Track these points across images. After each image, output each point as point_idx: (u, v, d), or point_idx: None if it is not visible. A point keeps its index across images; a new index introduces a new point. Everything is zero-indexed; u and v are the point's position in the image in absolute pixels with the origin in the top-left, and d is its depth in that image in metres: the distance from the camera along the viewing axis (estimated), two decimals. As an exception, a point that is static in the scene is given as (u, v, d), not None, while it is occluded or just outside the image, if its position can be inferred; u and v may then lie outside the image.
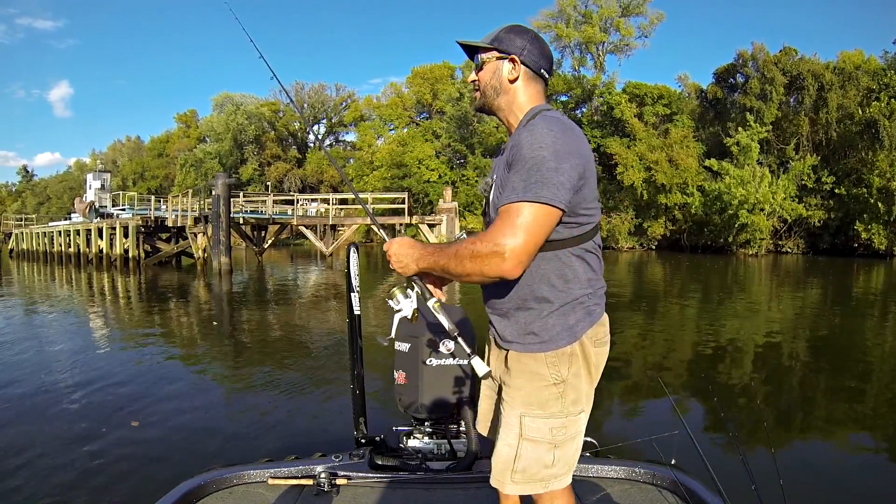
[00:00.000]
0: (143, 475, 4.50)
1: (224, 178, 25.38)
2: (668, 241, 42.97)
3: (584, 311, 1.71)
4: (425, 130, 55.27)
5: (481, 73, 1.84)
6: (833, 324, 12.56)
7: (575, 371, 1.71)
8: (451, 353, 3.17)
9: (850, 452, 5.29)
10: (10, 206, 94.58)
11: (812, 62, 39.02)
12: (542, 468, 1.71)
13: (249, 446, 5.08)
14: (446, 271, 1.67)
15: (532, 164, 1.55)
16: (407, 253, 1.76)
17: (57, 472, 4.57)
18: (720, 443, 5.01)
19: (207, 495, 2.78)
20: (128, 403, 6.48)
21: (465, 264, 1.59)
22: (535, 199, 1.53)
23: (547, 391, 1.70)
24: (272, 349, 9.97)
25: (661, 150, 40.66)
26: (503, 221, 1.55)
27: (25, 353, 9.40)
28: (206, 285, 21.37)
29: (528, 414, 1.71)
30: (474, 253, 1.57)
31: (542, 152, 1.55)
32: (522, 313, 1.72)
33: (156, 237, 31.88)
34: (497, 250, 1.53)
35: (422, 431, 3.30)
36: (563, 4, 47.11)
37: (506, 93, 1.81)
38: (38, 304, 16.93)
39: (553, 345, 1.69)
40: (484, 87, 1.84)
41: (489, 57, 1.82)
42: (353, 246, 3.37)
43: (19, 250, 44.88)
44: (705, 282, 22.34)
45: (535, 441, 1.71)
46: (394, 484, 2.93)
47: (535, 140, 1.57)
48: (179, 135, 75.08)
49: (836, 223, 37.47)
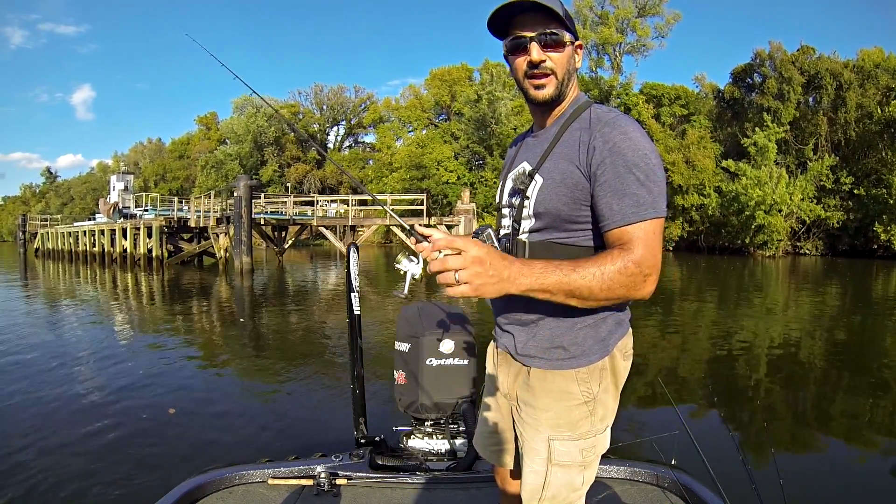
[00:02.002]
0: (142, 474, 4.49)
1: (246, 180, 25.88)
2: (686, 243, 42.84)
3: (615, 322, 1.58)
4: (444, 132, 55.51)
5: (560, 54, 1.54)
6: (846, 326, 12.35)
7: (605, 386, 1.57)
8: (451, 353, 3.18)
9: (851, 453, 5.28)
10: (35, 206, 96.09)
11: (830, 61, 38.65)
12: (571, 492, 1.59)
13: (250, 446, 5.08)
14: (578, 293, 1.37)
15: (647, 172, 1.41)
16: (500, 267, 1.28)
17: (56, 471, 4.55)
18: (720, 443, 4.84)
19: (207, 495, 2.79)
20: (133, 398, 6.58)
21: (613, 289, 1.37)
22: (663, 214, 1.43)
23: (577, 410, 1.56)
24: (283, 349, 10.05)
25: (678, 151, 40.56)
26: (644, 241, 1.39)
27: (48, 345, 9.76)
28: (229, 284, 21.81)
29: (558, 437, 1.56)
30: (625, 278, 1.37)
31: (652, 160, 1.43)
32: (552, 323, 1.55)
33: (178, 237, 32.59)
34: (648, 272, 1.39)
35: (422, 431, 3.29)
36: (580, 6, 47.12)
37: (572, 82, 1.60)
38: (64, 301, 17.36)
39: (584, 360, 1.54)
40: (563, 72, 1.56)
41: (570, 38, 1.55)
42: (352, 246, 3.41)
43: (45, 249, 45.83)
44: (719, 283, 22.24)
45: (565, 466, 1.57)
46: (394, 484, 2.92)
47: (636, 143, 1.43)
48: (200, 137, 75.71)
49: (856, 224, 37.01)
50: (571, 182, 1.48)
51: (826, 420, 6.31)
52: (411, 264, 1.57)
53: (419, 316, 3.33)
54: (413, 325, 3.28)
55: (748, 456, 2.56)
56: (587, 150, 1.46)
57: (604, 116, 1.49)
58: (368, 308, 14.10)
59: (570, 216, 1.51)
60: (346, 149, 74.57)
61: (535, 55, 1.51)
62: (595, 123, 1.48)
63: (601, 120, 1.48)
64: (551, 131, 1.59)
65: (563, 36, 1.52)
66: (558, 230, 1.54)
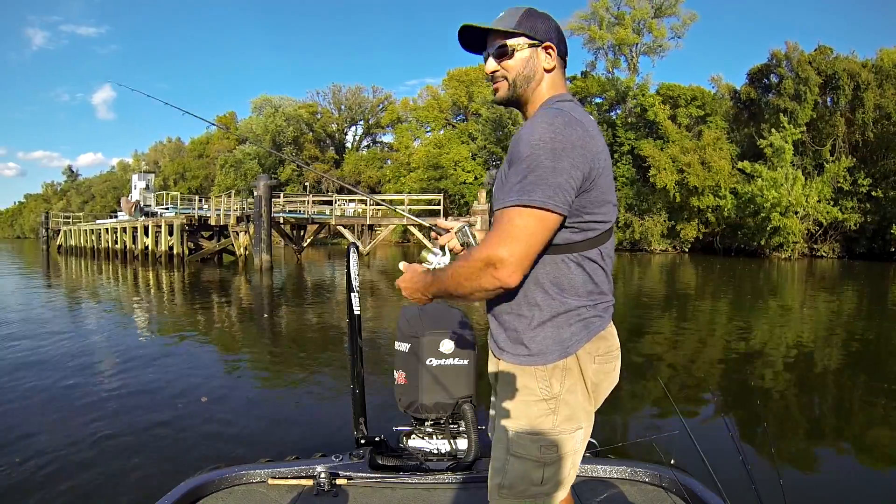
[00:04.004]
0: (142, 473, 4.47)
1: (266, 180, 26.46)
2: (702, 244, 42.65)
3: (581, 325, 1.57)
4: (461, 132, 55.72)
5: (510, 62, 1.64)
6: (857, 330, 12.05)
7: (569, 386, 1.57)
8: (451, 353, 3.19)
9: (852, 454, 5.27)
10: (56, 204, 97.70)
11: (848, 60, 38.07)
12: (530, 485, 1.58)
13: (250, 446, 5.05)
14: (451, 296, 1.53)
15: (528, 162, 1.42)
16: (417, 282, 1.62)
17: (58, 469, 4.54)
18: (720, 443, 4.65)
19: (207, 495, 2.78)
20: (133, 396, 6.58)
21: (462, 285, 1.47)
22: (530, 202, 1.41)
23: (536, 407, 1.57)
24: (296, 347, 10.06)
25: (694, 152, 40.41)
26: (495, 230, 1.45)
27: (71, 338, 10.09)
28: (248, 281, 22.27)
29: (515, 429, 1.58)
30: (468, 270, 1.45)
31: (539, 150, 1.42)
32: (514, 319, 1.60)
33: (198, 235, 33.22)
34: (490, 262, 1.41)
35: (422, 431, 3.30)
36: (596, 7, 47.22)
37: (538, 83, 1.65)
38: (88, 296, 17.83)
39: (542, 359, 1.56)
40: (515, 77, 1.65)
41: (520, 44, 1.63)
42: (352, 246, 3.43)
43: (67, 246, 46.71)
44: (733, 285, 22.13)
45: (521, 458, 1.57)
46: (394, 484, 2.92)
47: (533, 135, 1.44)
48: (219, 136, 76.43)
49: (874, 227, 36.43)
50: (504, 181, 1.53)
51: (827, 421, 6.30)
52: (437, 258, 1.70)
53: (419, 316, 3.35)
54: (413, 325, 3.30)
55: (748, 456, 2.57)
56: (511, 147, 1.52)
57: (535, 113, 1.57)
58: (387, 307, 14.26)
59: None
60: (364, 148, 75.13)
61: (488, 67, 1.70)
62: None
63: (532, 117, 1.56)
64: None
65: (514, 46, 1.62)
66: None
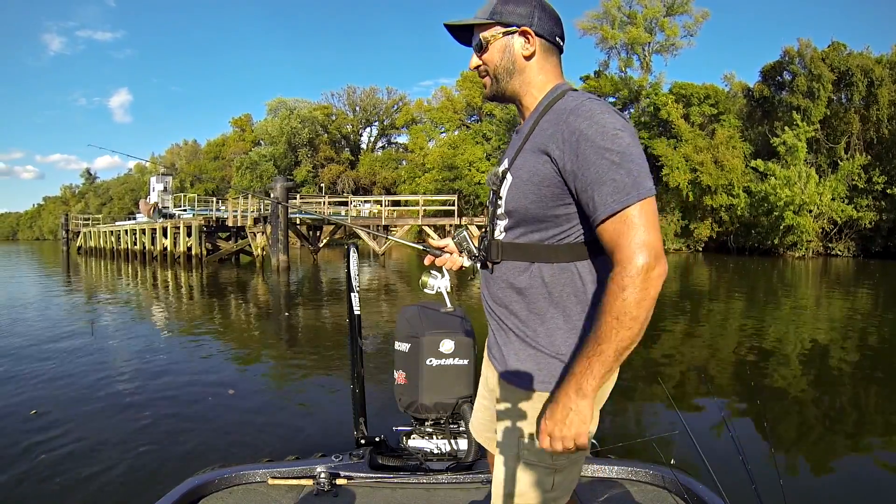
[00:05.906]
0: (142, 473, 4.49)
1: (282, 182, 26.82)
2: (716, 243, 42.46)
3: None
4: (475, 133, 55.77)
5: (486, 55, 1.56)
6: (867, 330, 11.73)
7: None
8: (451, 353, 3.20)
9: (852, 454, 5.26)
10: (74, 206, 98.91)
11: (862, 57, 37.62)
12: (541, 493, 1.52)
13: (250, 446, 5.07)
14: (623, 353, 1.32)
15: (620, 154, 1.32)
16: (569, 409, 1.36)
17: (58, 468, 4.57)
18: (721, 443, 4.80)
19: (207, 495, 2.79)
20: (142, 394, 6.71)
21: (636, 315, 1.29)
22: (648, 193, 1.32)
23: None
24: (308, 347, 10.12)
25: (707, 150, 40.22)
26: (630, 233, 1.30)
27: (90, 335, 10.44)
28: (265, 281, 22.69)
29: (526, 435, 1.51)
30: (635, 294, 1.28)
31: (624, 138, 1.34)
32: (518, 345, 1.53)
33: (216, 236, 33.78)
34: (649, 266, 1.28)
35: (422, 431, 3.31)
36: (608, 6, 47.06)
37: (521, 72, 1.55)
38: (109, 296, 18.22)
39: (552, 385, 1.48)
40: (494, 70, 1.56)
41: (493, 34, 1.54)
42: (352, 246, 3.41)
43: (87, 247, 47.41)
44: (746, 284, 22.03)
45: (533, 465, 1.51)
46: (394, 484, 2.93)
47: (603, 124, 1.34)
48: (235, 138, 76.87)
49: (889, 225, 36.04)
50: (538, 179, 1.43)
51: (827, 422, 6.26)
52: (437, 281, 1.67)
53: (419, 316, 3.37)
54: (413, 325, 3.33)
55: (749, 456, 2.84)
56: (556, 143, 1.39)
57: (569, 104, 1.42)
58: (388, 307, 14.27)
59: (540, 215, 1.46)
60: (379, 149, 75.54)
61: (471, 63, 1.61)
62: (562, 114, 1.42)
63: (567, 109, 1.41)
64: (526, 127, 1.55)
65: (488, 37, 1.54)
66: (531, 230, 1.50)
